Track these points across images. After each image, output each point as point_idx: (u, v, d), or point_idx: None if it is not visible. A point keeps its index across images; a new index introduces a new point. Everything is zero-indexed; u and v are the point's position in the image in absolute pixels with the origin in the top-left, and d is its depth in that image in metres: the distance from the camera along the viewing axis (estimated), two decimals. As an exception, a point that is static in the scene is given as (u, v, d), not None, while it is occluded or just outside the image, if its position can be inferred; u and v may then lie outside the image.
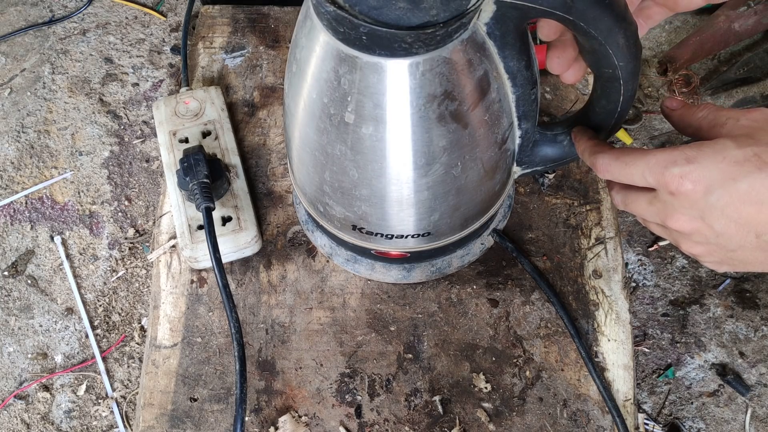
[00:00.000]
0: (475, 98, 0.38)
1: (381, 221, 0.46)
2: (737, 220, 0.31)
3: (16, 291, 1.19)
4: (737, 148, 0.31)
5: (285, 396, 0.54)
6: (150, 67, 1.43)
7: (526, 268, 0.57)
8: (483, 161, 0.42)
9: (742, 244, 0.32)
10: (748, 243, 0.32)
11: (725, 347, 1.14)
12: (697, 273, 1.20)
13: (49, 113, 1.36)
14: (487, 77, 0.37)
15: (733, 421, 1.08)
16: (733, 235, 0.32)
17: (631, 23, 0.35)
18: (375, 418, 0.54)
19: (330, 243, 0.58)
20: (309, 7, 0.36)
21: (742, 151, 0.30)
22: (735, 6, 1.28)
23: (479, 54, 0.36)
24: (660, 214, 0.35)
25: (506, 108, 0.41)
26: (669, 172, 0.32)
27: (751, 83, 1.34)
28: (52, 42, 1.45)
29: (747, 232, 0.32)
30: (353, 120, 0.37)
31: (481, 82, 0.37)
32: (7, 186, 1.28)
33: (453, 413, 0.54)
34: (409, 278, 0.57)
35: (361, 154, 0.40)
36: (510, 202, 0.60)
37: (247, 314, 0.57)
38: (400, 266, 0.57)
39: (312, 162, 0.44)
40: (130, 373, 1.13)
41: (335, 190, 0.44)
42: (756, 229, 0.31)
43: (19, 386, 1.11)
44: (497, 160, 0.44)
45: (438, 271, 0.57)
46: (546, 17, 0.34)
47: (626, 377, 0.55)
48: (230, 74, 0.70)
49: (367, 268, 0.57)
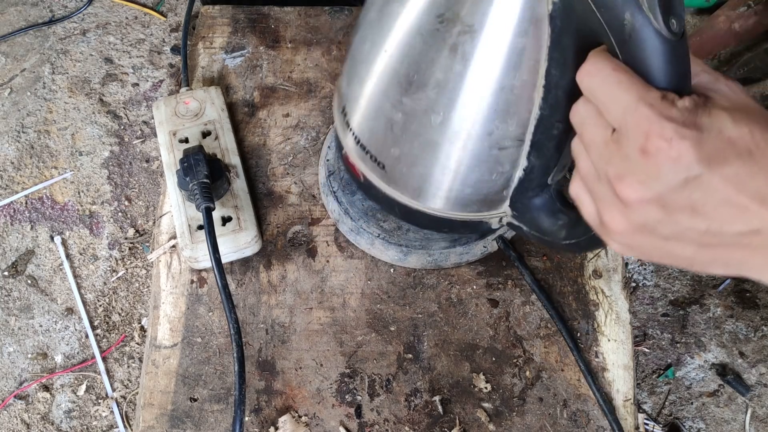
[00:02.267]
0: (504, 63, 0.34)
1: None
2: (700, 206, 0.26)
3: (16, 291, 1.19)
4: (734, 124, 0.25)
5: (285, 396, 0.54)
6: (150, 67, 1.43)
7: (526, 280, 0.57)
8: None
9: (683, 234, 0.27)
10: (690, 234, 0.27)
11: (725, 347, 1.14)
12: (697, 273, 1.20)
13: (49, 113, 1.36)
14: (527, 54, 0.33)
15: (733, 421, 1.08)
16: (682, 221, 0.27)
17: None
18: (375, 418, 0.54)
19: (339, 210, 0.59)
20: None
21: (738, 129, 0.25)
22: (735, 6, 1.28)
23: (533, 28, 0.32)
24: (612, 163, 0.28)
25: (522, 114, 0.37)
26: (660, 127, 0.25)
27: (751, 83, 1.34)
28: (52, 42, 1.45)
29: (699, 222, 0.26)
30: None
31: (520, 53, 0.34)
32: (7, 186, 1.28)
33: (453, 413, 0.54)
34: (405, 262, 0.58)
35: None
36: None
37: (247, 314, 0.57)
38: (398, 248, 0.57)
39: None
40: (130, 373, 1.13)
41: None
42: (709, 222, 0.26)
43: (19, 386, 1.11)
44: (493, 158, 0.41)
45: (434, 262, 0.57)
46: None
47: (626, 377, 0.55)
48: (230, 74, 0.70)
49: (367, 243, 0.58)
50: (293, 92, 0.69)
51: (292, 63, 0.70)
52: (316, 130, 0.66)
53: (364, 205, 0.59)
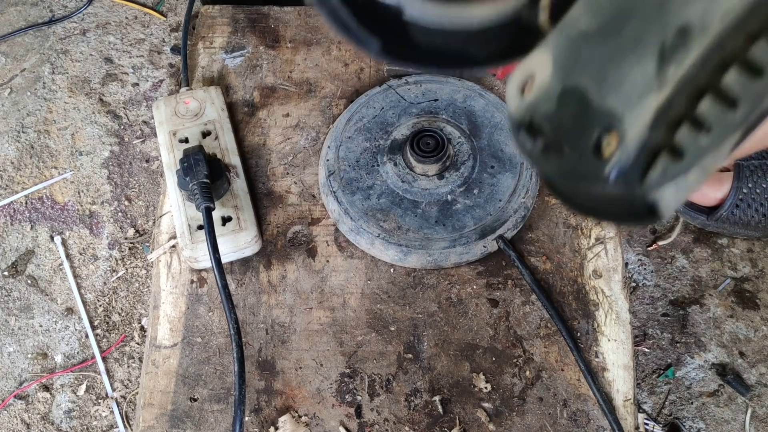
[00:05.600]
0: None
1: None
2: None
3: (16, 291, 1.19)
4: None
5: (285, 396, 0.54)
6: (150, 67, 1.43)
7: (526, 280, 0.57)
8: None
9: None
10: None
11: (725, 347, 1.14)
12: (697, 273, 1.20)
13: (49, 113, 1.36)
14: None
15: (733, 421, 1.08)
16: None
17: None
18: (375, 418, 0.53)
19: (339, 209, 0.60)
20: None
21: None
22: (735, 6, 1.28)
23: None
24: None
25: None
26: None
27: (751, 83, 1.34)
28: (52, 42, 1.45)
29: None
30: None
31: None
32: (7, 186, 1.28)
33: (453, 413, 0.54)
34: (405, 261, 0.58)
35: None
36: (525, 213, 0.60)
37: (247, 314, 0.57)
38: (398, 248, 0.57)
39: None
40: (130, 373, 1.13)
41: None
42: None
43: (19, 386, 1.11)
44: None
45: (434, 262, 0.57)
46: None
47: (626, 377, 0.55)
48: (230, 74, 0.70)
49: (367, 242, 0.59)
50: (293, 92, 0.69)
51: (291, 63, 0.70)
52: (316, 129, 0.66)
53: (364, 205, 0.59)
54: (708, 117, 0.19)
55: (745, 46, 0.19)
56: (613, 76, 0.23)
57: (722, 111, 0.19)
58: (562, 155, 0.24)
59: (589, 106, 0.24)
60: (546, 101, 0.25)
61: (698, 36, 0.20)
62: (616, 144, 0.22)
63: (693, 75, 0.20)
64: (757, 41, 0.19)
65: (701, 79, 0.20)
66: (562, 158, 0.24)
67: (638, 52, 0.22)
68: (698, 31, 0.20)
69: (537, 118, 0.26)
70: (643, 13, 0.22)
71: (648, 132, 0.21)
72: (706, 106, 0.19)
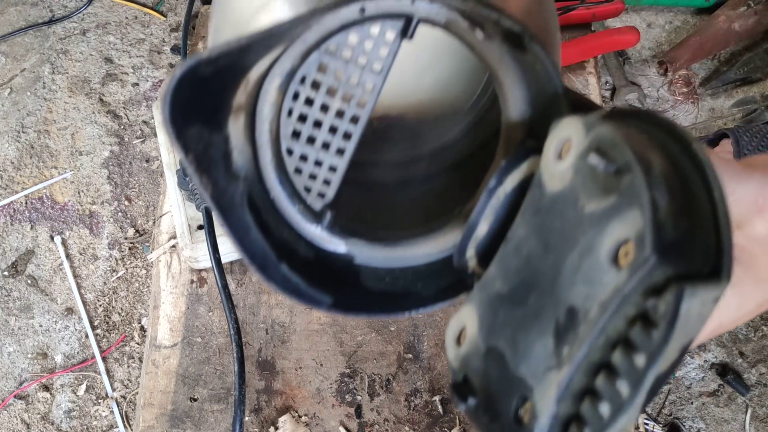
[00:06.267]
0: None
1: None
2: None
3: (16, 291, 1.19)
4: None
5: (285, 396, 0.54)
6: (150, 67, 1.43)
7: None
8: None
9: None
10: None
11: (725, 347, 1.14)
12: None
13: (49, 113, 1.36)
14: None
15: (733, 421, 1.08)
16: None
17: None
18: (375, 418, 0.54)
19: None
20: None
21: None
22: (735, 6, 1.28)
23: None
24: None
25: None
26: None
27: (751, 83, 1.34)
28: (52, 42, 1.45)
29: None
30: None
31: None
32: (7, 186, 1.28)
33: (453, 413, 0.54)
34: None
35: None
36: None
37: (247, 314, 0.57)
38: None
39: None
40: (130, 373, 1.13)
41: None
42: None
43: (19, 386, 1.11)
44: None
45: None
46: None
47: (626, 377, 0.55)
48: (230, 74, 0.70)
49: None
50: (293, 92, 0.69)
51: (292, 63, 0.70)
52: (316, 130, 0.66)
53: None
54: (604, 391, 0.21)
55: (626, 328, 0.20)
56: (523, 346, 0.25)
57: (614, 385, 0.20)
58: (491, 417, 0.26)
59: (507, 371, 0.25)
60: (475, 357, 0.27)
61: (583, 319, 0.21)
62: (529, 416, 0.23)
63: (585, 354, 0.21)
64: (634, 325, 0.20)
65: (593, 357, 0.21)
66: (491, 421, 0.26)
67: (540, 326, 0.24)
68: (582, 315, 0.22)
69: (470, 373, 0.27)
70: (540, 287, 0.24)
71: (555, 406, 0.22)
72: (600, 382, 0.21)
